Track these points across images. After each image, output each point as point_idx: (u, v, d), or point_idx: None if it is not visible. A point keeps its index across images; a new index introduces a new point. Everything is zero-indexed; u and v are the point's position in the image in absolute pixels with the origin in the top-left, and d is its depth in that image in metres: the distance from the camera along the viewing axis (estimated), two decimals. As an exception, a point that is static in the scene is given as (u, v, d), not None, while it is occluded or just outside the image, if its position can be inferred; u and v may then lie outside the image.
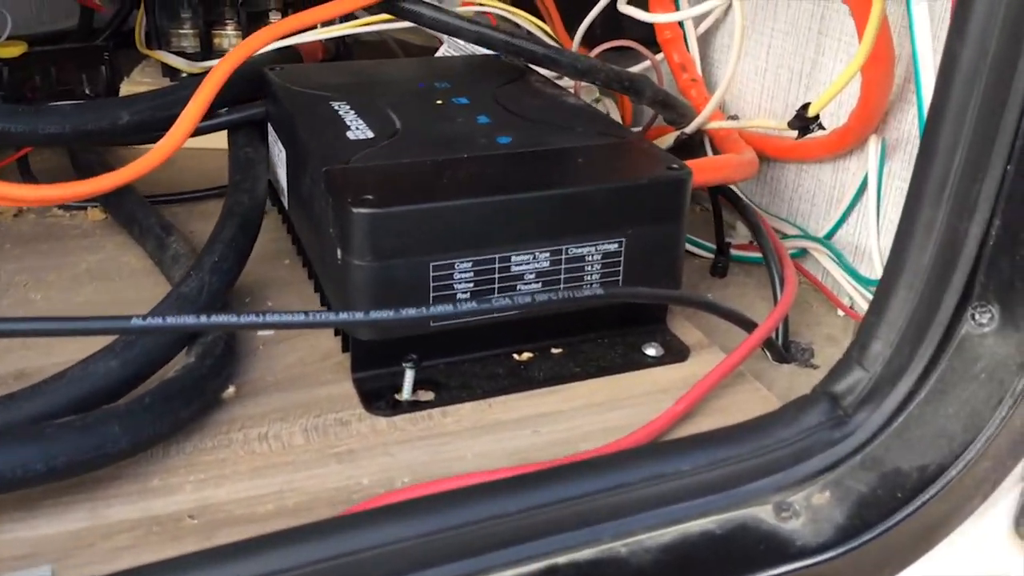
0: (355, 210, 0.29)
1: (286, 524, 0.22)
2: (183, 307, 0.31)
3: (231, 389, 0.31)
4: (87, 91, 0.54)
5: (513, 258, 0.32)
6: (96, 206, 0.45)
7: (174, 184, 0.47)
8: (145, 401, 0.28)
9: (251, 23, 0.54)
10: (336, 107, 0.39)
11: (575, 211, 0.32)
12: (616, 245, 0.33)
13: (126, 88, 0.53)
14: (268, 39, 0.36)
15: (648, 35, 0.49)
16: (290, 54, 0.48)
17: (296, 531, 0.21)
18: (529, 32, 0.51)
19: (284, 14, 0.55)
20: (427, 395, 0.32)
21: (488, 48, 0.41)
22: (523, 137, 0.36)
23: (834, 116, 0.40)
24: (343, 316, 0.27)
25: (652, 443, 0.28)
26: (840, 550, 0.23)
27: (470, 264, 0.31)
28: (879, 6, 0.32)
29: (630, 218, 0.33)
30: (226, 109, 0.42)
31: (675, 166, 0.34)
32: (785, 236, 0.43)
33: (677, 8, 0.47)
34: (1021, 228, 0.23)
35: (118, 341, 0.30)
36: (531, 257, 0.32)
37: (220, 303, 0.33)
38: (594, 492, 0.22)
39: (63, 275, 0.39)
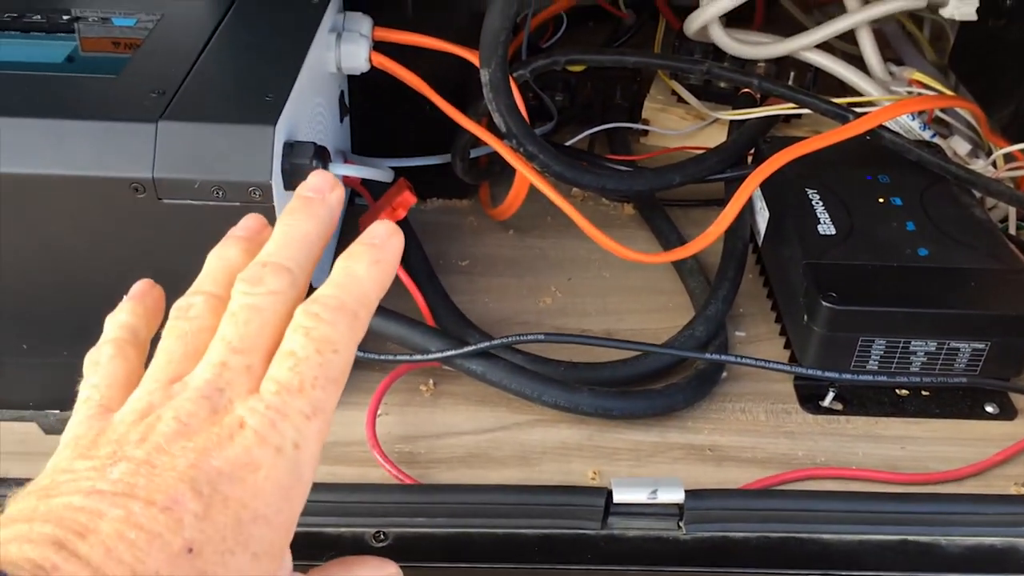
0: (824, 303, 0.51)
1: (759, 470, 0.47)
2: (708, 325, 0.55)
3: (724, 374, 0.56)
4: (619, 101, 0.78)
5: (913, 342, 0.52)
6: (631, 204, 0.70)
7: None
8: (692, 383, 0.53)
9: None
10: (809, 195, 0.59)
11: (963, 325, 0.51)
12: (983, 345, 0.52)
13: (648, 105, 0.76)
14: (791, 157, 0.57)
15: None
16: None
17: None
18: (968, 124, 0.66)
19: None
20: (837, 406, 0.54)
21: (932, 169, 0.59)
22: (937, 250, 0.54)
23: None
24: (812, 372, 0.50)
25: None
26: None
27: (884, 342, 0.52)
28: None
29: (998, 332, 0.51)
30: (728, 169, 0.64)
31: (1042, 302, 0.51)
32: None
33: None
34: None
35: (677, 338, 0.55)
36: (924, 344, 0.52)
37: (724, 321, 0.57)
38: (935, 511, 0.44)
39: (621, 261, 0.63)
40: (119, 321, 0.28)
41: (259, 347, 0.25)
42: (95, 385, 0.26)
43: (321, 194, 0.28)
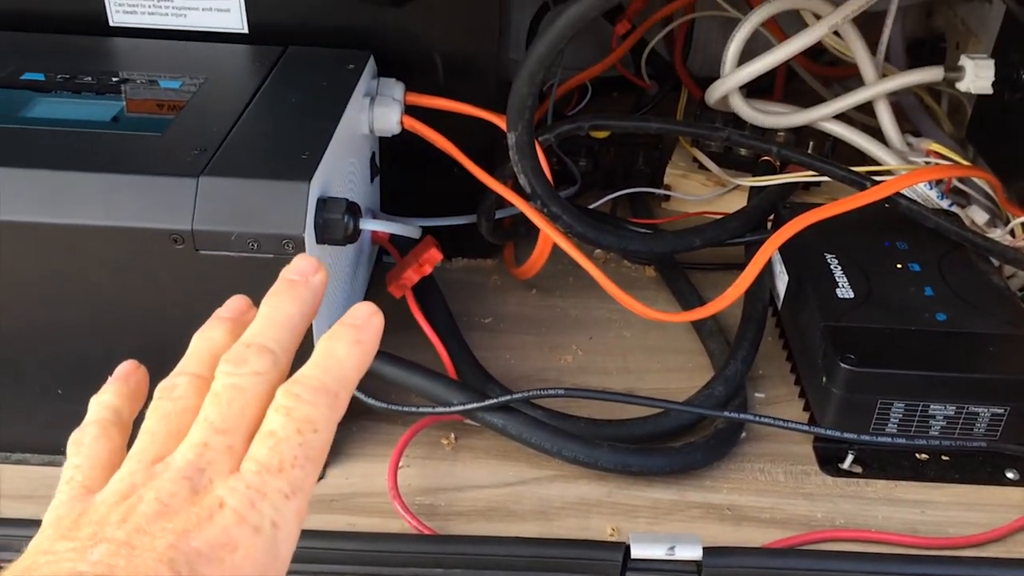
0: (842, 365, 0.51)
1: (777, 531, 0.47)
2: (727, 385, 0.56)
3: (744, 434, 0.56)
4: (642, 167, 0.80)
5: (932, 406, 0.52)
6: (652, 266, 0.71)
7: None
8: (712, 442, 0.53)
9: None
10: (827, 259, 0.60)
11: (982, 389, 0.51)
12: (1002, 410, 0.52)
13: (670, 171, 0.78)
14: (810, 222, 0.58)
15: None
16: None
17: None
18: (986, 194, 0.67)
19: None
20: (857, 468, 0.54)
21: (950, 236, 0.60)
22: (955, 315, 0.55)
23: None
24: (831, 432, 0.50)
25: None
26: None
27: (903, 405, 0.52)
28: None
29: (1017, 398, 0.51)
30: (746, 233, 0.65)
31: (1058, 368, 0.51)
32: None
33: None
34: None
35: (697, 396, 0.55)
36: (943, 407, 0.52)
37: (744, 382, 0.58)
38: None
39: (641, 321, 0.64)
40: (103, 402, 0.29)
41: (241, 427, 0.25)
42: (78, 466, 0.26)
43: (304, 277, 0.29)
